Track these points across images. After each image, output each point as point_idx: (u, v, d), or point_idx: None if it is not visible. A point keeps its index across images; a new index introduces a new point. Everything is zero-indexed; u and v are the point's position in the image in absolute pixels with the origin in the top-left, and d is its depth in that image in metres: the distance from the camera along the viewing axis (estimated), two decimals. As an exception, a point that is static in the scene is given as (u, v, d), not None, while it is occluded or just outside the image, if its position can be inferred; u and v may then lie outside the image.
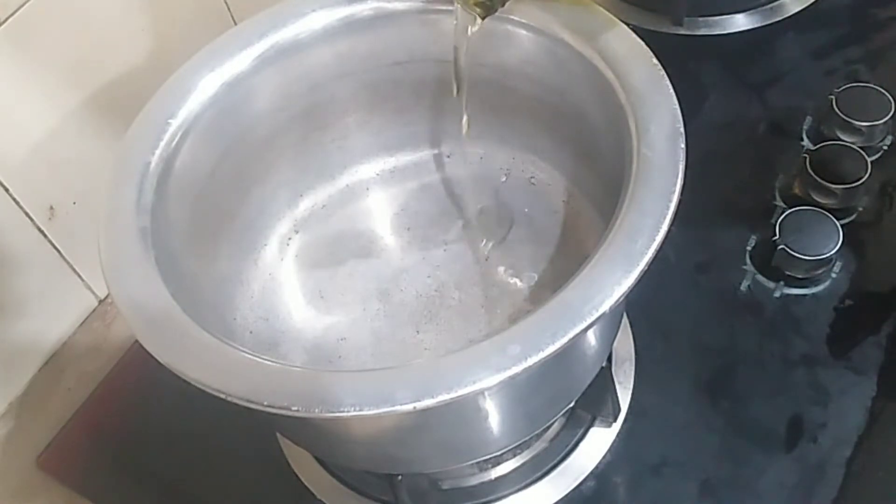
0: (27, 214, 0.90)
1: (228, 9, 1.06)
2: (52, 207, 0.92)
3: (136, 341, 0.63)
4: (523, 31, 0.79)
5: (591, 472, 0.86)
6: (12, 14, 0.83)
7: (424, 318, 0.88)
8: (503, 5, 0.74)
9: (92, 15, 0.91)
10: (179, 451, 0.94)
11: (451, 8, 0.77)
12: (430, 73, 0.85)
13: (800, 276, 0.94)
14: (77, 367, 1.01)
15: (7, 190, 0.88)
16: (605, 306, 0.58)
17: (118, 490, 0.94)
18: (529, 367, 0.56)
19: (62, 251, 0.95)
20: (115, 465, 0.96)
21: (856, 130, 1.02)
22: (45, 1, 0.85)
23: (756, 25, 1.19)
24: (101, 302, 1.02)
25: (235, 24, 1.05)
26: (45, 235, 0.93)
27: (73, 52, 0.90)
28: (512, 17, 0.79)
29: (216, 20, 1.05)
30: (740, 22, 1.19)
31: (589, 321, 0.58)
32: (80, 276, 0.98)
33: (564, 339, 0.57)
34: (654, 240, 0.61)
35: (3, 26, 0.83)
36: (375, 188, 0.93)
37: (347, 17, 0.81)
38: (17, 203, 0.89)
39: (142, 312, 0.64)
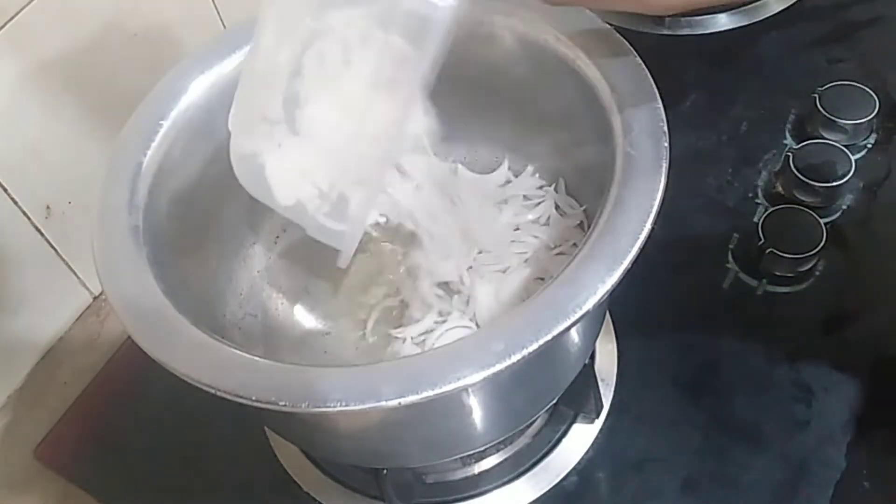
0: (24, 213, 0.91)
1: (218, 14, 1.06)
2: (48, 207, 0.93)
3: (130, 337, 0.64)
4: (508, 33, 0.79)
5: (574, 468, 0.86)
6: (10, 19, 0.84)
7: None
8: None
9: (87, 20, 0.91)
10: (171, 444, 0.95)
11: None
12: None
13: (783, 274, 0.95)
14: (72, 361, 1.01)
15: (6, 190, 0.89)
16: (589, 304, 0.59)
17: (111, 481, 0.94)
18: (513, 364, 0.57)
19: (58, 249, 0.96)
20: (108, 456, 0.96)
21: (840, 129, 1.03)
22: (41, 7, 0.86)
23: (739, 25, 1.19)
24: (95, 298, 1.03)
25: (224, 28, 1.06)
26: (41, 234, 0.93)
27: (69, 56, 0.91)
28: (497, 18, 0.79)
29: (206, 25, 1.06)
30: (723, 21, 1.20)
31: (573, 319, 0.59)
32: (75, 273, 0.99)
33: (548, 337, 0.58)
34: (638, 238, 0.62)
35: (2, 31, 0.84)
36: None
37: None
38: (15, 202, 0.90)
39: (134, 309, 0.65)
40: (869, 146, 1.04)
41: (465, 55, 0.81)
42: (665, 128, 0.68)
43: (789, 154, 1.00)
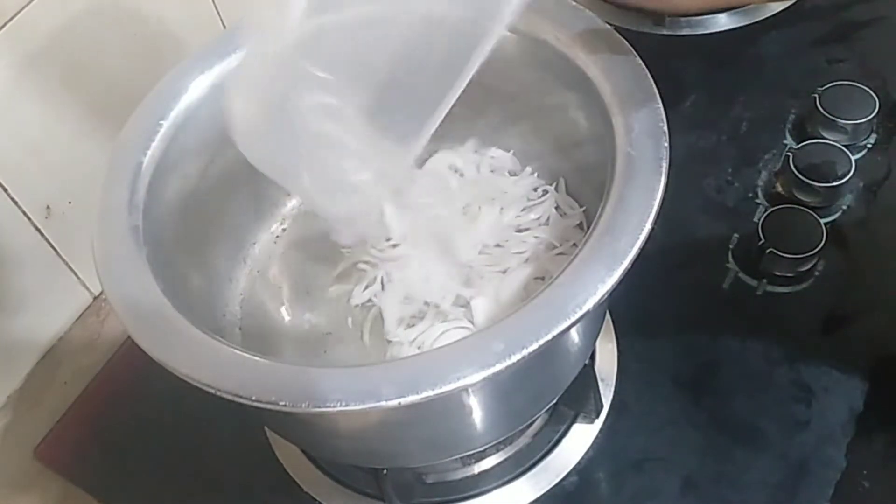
0: (25, 213, 0.91)
1: (218, 14, 1.07)
2: (48, 207, 0.93)
3: (130, 337, 0.64)
4: (507, 32, 0.79)
5: (574, 468, 0.86)
6: (10, 19, 0.84)
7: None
8: None
9: (87, 20, 0.91)
10: (171, 444, 0.95)
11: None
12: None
13: (783, 274, 0.95)
14: (72, 361, 1.01)
15: (6, 190, 0.88)
16: (589, 304, 0.59)
17: (111, 481, 0.94)
18: (513, 364, 0.57)
19: (58, 249, 0.96)
20: (108, 456, 0.96)
21: (840, 129, 1.02)
22: (41, 7, 0.86)
23: (738, 24, 1.19)
24: (95, 298, 1.03)
25: (224, 27, 1.07)
26: (41, 234, 0.93)
27: (69, 55, 0.91)
28: (497, 17, 0.79)
29: (206, 25, 1.06)
30: (722, 21, 1.19)
31: (573, 319, 0.59)
32: (75, 272, 0.99)
33: (548, 337, 0.58)
34: (638, 238, 0.62)
35: (2, 31, 0.84)
36: (361, 185, 0.93)
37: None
38: (15, 202, 0.90)
39: (134, 309, 0.65)
40: (869, 146, 1.04)
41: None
42: (665, 128, 0.68)
43: (789, 154, 1.00)
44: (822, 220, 0.95)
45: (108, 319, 1.03)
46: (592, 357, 0.90)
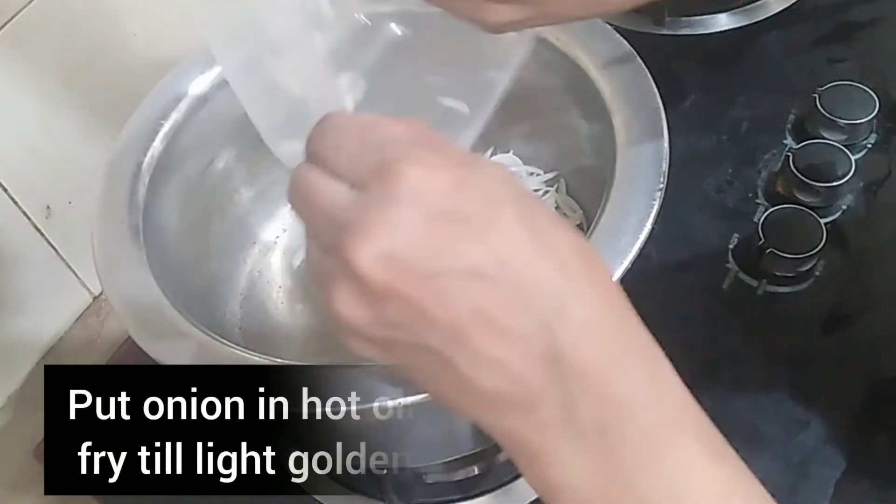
0: (25, 213, 0.91)
1: (219, 13, 1.06)
2: (48, 207, 0.93)
3: (130, 336, 0.64)
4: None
5: (575, 467, 0.85)
6: (10, 19, 0.84)
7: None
8: None
9: (87, 20, 0.91)
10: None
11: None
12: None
13: (783, 275, 0.94)
14: (72, 361, 1.01)
15: (6, 190, 0.89)
16: (589, 304, 0.59)
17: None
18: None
19: (58, 249, 0.96)
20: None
21: (839, 128, 1.02)
22: (41, 7, 0.86)
23: (738, 25, 1.18)
24: (95, 298, 1.03)
25: (226, 26, 1.07)
26: (41, 234, 0.94)
27: (69, 55, 0.91)
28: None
29: (206, 25, 1.05)
30: (722, 21, 1.19)
31: (572, 319, 0.58)
32: (75, 272, 0.99)
33: (548, 336, 0.58)
34: (638, 238, 0.62)
35: (2, 31, 0.84)
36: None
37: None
38: (15, 202, 0.90)
39: (134, 308, 0.65)
40: (869, 146, 1.04)
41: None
42: (665, 128, 0.68)
43: (789, 154, 1.00)
44: (822, 220, 0.95)
45: (108, 319, 1.03)
46: (592, 357, 0.89)
